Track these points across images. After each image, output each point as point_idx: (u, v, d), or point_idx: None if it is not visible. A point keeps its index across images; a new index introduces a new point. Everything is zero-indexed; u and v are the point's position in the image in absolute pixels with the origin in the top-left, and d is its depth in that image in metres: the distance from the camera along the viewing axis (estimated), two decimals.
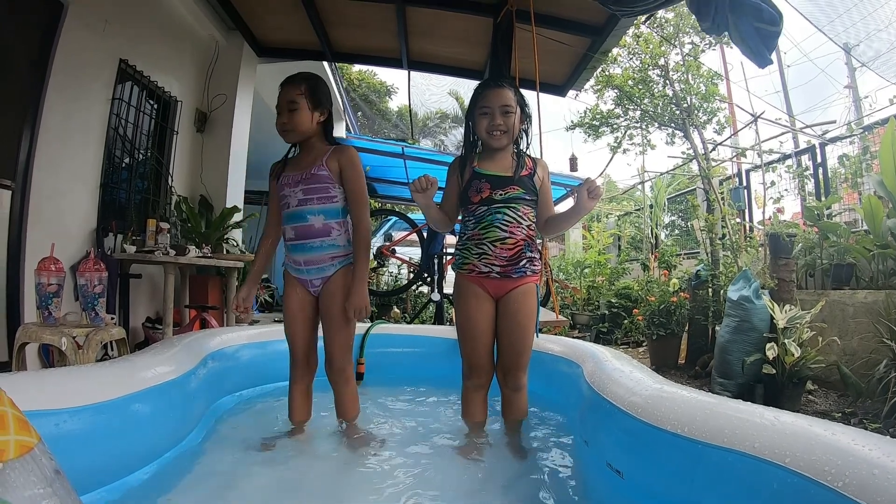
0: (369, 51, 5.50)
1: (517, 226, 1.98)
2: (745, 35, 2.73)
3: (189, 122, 4.87)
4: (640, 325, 5.46)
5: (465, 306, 2.04)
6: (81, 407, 1.34)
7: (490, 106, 2.03)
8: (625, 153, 7.53)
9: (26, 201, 3.04)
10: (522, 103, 2.10)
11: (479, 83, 2.17)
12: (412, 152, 6.93)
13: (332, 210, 1.98)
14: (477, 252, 2.01)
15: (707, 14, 2.82)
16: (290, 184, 1.99)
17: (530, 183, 2.04)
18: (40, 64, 3.13)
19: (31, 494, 0.75)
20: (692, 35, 6.07)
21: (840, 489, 0.84)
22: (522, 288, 2.00)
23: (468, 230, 2.05)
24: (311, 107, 1.98)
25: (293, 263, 2.01)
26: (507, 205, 1.99)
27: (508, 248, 1.97)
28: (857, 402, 3.41)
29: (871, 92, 13.01)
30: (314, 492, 1.54)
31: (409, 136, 13.20)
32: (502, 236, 1.97)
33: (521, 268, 1.99)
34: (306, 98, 1.96)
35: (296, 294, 2.01)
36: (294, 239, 1.98)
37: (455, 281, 2.13)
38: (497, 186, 2.01)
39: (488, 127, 2.03)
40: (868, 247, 4.11)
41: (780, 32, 2.71)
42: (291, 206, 1.97)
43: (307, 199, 1.96)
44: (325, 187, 1.96)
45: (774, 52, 3.00)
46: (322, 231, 1.96)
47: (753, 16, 2.65)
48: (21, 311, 2.96)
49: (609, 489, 1.48)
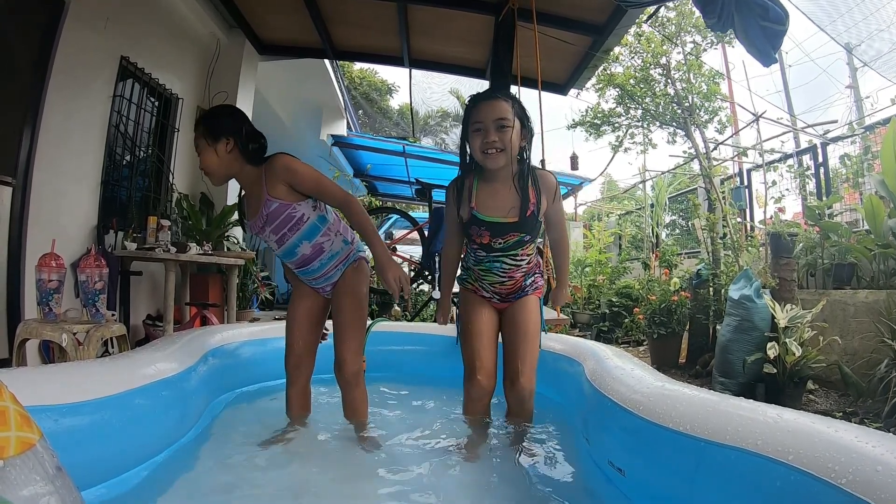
0: (371, 49, 5.49)
1: (516, 269, 1.98)
2: (750, 33, 2.72)
3: (190, 120, 4.85)
4: (640, 324, 5.45)
5: (468, 310, 2.05)
6: (82, 403, 1.34)
7: (483, 121, 1.82)
8: (626, 152, 7.54)
9: (27, 198, 3.04)
10: (522, 116, 1.88)
11: (470, 96, 1.95)
12: (413, 151, 6.93)
13: (310, 229, 1.87)
14: (479, 283, 2.05)
15: (713, 11, 2.80)
16: (257, 230, 1.90)
17: (534, 223, 1.89)
18: (41, 62, 3.13)
19: (33, 492, 0.74)
20: (694, 34, 6.06)
21: (843, 486, 0.84)
22: (525, 298, 2.02)
23: (470, 262, 2.06)
24: (212, 143, 1.80)
25: (304, 279, 2.02)
26: (506, 253, 1.94)
27: (507, 287, 2.01)
28: (857, 401, 3.40)
29: (872, 92, 13.03)
30: (314, 490, 1.54)
31: (410, 134, 13.19)
32: (500, 280, 2.00)
33: (521, 293, 2.03)
34: (205, 138, 1.81)
35: (305, 297, 2.03)
36: (297, 268, 1.98)
37: (460, 290, 2.14)
38: (497, 234, 1.89)
39: (482, 145, 1.82)
40: (869, 246, 4.10)
41: (786, 31, 2.69)
42: (276, 249, 1.93)
43: (283, 236, 1.87)
44: (288, 215, 1.82)
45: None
46: (315, 252, 1.92)
47: (760, 14, 2.63)
48: (22, 308, 2.96)
49: (611, 487, 1.48)
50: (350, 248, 1.99)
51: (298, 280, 2.04)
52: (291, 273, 2.05)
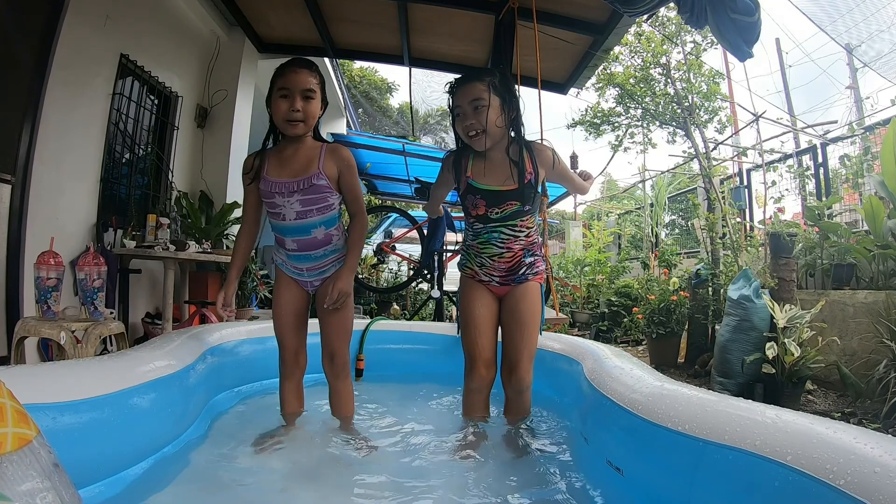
0: (371, 47, 5.48)
1: (514, 241, 1.97)
2: (722, 28, 2.66)
3: (190, 118, 4.86)
4: (639, 323, 5.45)
5: (467, 299, 2.05)
6: (80, 400, 1.33)
7: (461, 104, 1.85)
8: (626, 151, 7.57)
9: (26, 196, 3.04)
10: (503, 92, 1.87)
11: (450, 82, 1.96)
12: (413, 149, 6.92)
13: (332, 218, 1.91)
14: (477, 262, 2.03)
15: (686, 4, 2.75)
16: (282, 192, 1.83)
17: (530, 191, 1.90)
18: (41, 59, 3.12)
19: (29, 488, 0.74)
20: (694, 34, 6.06)
21: (841, 487, 0.84)
22: (524, 286, 2.00)
23: (468, 239, 2.06)
24: (321, 98, 1.85)
25: (293, 269, 1.97)
26: (504, 223, 1.94)
27: (506, 261, 1.98)
28: (856, 402, 3.41)
29: (872, 93, 13.03)
30: (311, 488, 1.54)
31: (410, 133, 13.20)
32: (499, 252, 1.97)
33: (520, 276, 1.99)
34: (320, 88, 1.83)
35: (289, 291, 1.99)
36: (296, 250, 1.92)
37: (459, 277, 2.13)
38: (493, 203, 1.91)
39: (464, 128, 1.86)
40: (868, 247, 4.10)
41: (757, 23, 2.61)
42: (289, 219, 1.86)
43: (306, 212, 1.84)
44: (324, 196, 1.84)
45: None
46: (324, 241, 1.91)
47: (729, 6, 2.56)
48: (20, 306, 2.96)
49: (609, 487, 1.47)
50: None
51: (283, 273, 2.00)
52: (279, 260, 2.01)
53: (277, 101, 1.80)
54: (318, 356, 2.03)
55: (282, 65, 1.84)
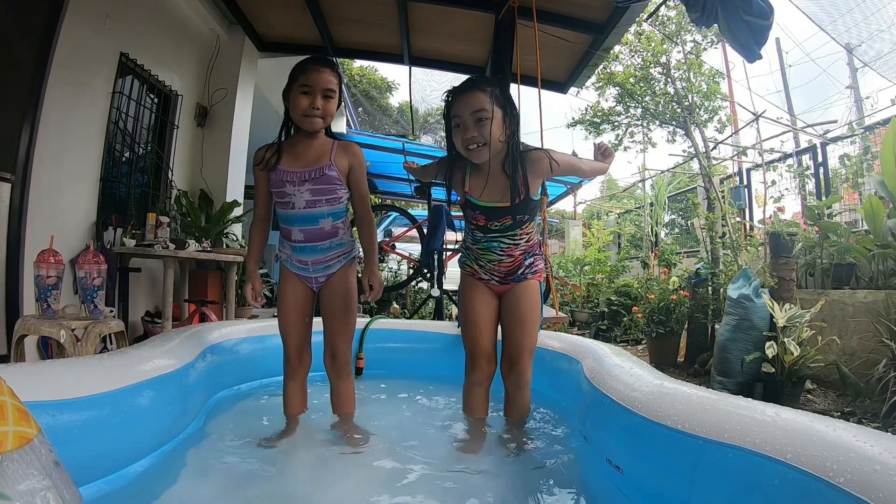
0: (371, 46, 5.48)
1: (514, 248, 1.97)
2: (734, 28, 2.66)
3: (189, 117, 4.85)
4: (639, 322, 5.46)
5: (467, 296, 2.06)
6: (80, 399, 1.34)
7: (461, 115, 1.78)
8: (626, 151, 7.55)
9: (26, 194, 3.04)
10: (505, 104, 1.81)
11: (448, 89, 1.89)
12: (413, 148, 6.93)
13: (339, 211, 1.95)
14: (478, 263, 2.04)
15: (696, 5, 2.74)
16: (293, 181, 1.86)
17: (530, 204, 1.89)
18: (41, 58, 3.12)
19: (30, 486, 0.74)
20: (694, 33, 6.06)
21: (841, 485, 0.84)
22: (523, 284, 2.00)
23: (468, 241, 2.06)
24: (339, 98, 1.90)
25: (298, 263, 1.97)
26: (504, 234, 1.95)
27: (506, 265, 1.99)
28: (855, 401, 3.41)
29: (872, 92, 13.03)
30: (311, 487, 1.54)
31: (409, 132, 13.19)
32: (499, 258, 1.99)
33: (520, 275, 2.00)
34: (339, 88, 1.89)
35: (294, 289, 1.99)
36: (302, 241, 1.92)
37: (460, 274, 2.14)
38: (492, 218, 1.91)
39: (463, 141, 1.80)
40: (868, 247, 4.11)
41: (770, 26, 2.61)
42: (298, 208, 1.88)
43: (316, 201, 1.87)
44: (333, 188, 1.88)
45: (768, 48, 2.94)
46: (331, 233, 1.93)
47: (743, 8, 2.57)
48: (20, 304, 2.96)
49: (609, 485, 1.48)
50: (352, 246, 2.02)
51: (288, 271, 2.01)
52: (284, 255, 2.02)
53: (298, 97, 1.84)
54: (321, 355, 2.03)
55: (303, 61, 1.88)
